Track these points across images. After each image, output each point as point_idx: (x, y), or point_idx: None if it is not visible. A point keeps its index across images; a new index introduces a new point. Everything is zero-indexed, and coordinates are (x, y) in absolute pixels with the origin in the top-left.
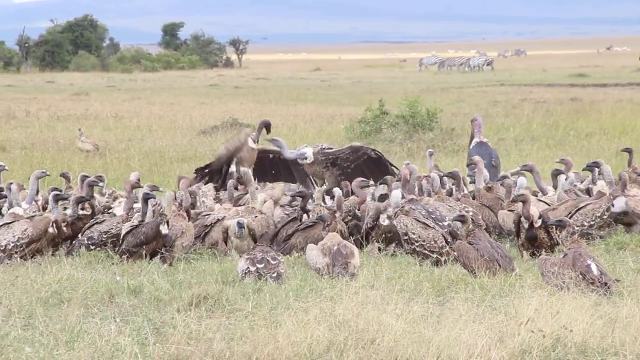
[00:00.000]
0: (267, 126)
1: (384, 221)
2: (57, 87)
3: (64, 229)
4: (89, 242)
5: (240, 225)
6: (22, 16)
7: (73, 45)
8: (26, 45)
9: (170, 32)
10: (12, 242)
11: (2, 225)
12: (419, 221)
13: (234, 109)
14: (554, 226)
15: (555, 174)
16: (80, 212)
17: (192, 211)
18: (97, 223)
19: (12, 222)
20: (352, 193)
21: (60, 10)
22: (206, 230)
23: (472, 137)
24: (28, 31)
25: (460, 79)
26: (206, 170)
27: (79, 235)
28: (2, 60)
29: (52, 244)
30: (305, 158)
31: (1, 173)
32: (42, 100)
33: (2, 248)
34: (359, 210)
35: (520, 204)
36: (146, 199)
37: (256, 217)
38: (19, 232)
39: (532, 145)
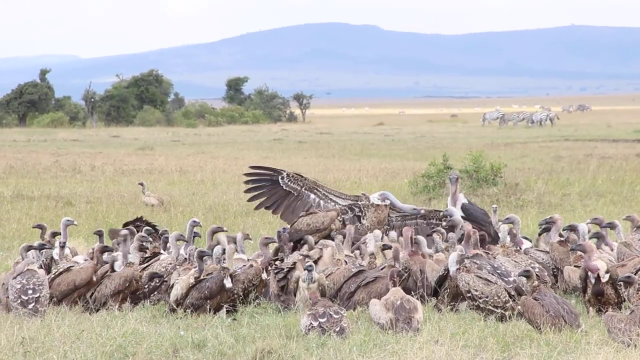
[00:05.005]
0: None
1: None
2: (122, 141)
3: (135, 283)
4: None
5: (309, 269)
6: (88, 71)
7: (138, 100)
8: (92, 100)
9: (234, 86)
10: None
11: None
12: (480, 277)
13: (297, 164)
14: (621, 282)
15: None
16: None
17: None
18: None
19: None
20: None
21: (126, 66)
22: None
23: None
24: (94, 86)
25: (524, 134)
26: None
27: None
28: (68, 115)
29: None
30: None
31: (67, 228)
32: (108, 155)
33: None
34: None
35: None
36: (201, 256)
37: (338, 269)
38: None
39: (597, 201)
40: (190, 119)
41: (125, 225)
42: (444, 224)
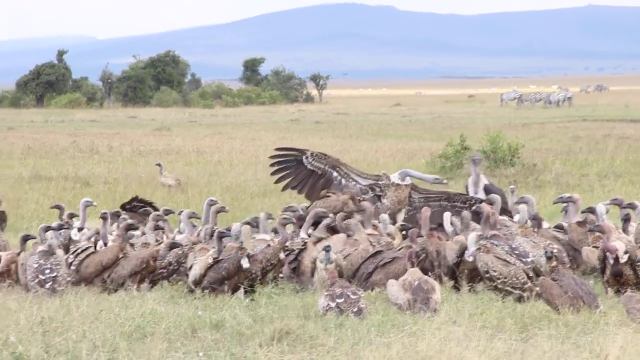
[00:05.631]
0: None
1: (468, 257)
2: (139, 122)
3: (152, 263)
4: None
5: (327, 249)
6: (105, 52)
7: (155, 80)
8: (109, 81)
9: (251, 67)
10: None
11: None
12: (499, 258)
13: (314, 144)
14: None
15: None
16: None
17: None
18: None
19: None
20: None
21: (143, 47)
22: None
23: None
24: (111, 67)
25: (541, 114)
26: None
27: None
28: (85, 96)
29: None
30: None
31: (86, 209)
32: (125, 136)
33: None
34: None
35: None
36: (221, 237)
37: (356, 249)
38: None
39: (616, 181)
40: (207, 100)
41: (122, 206)
42: (473, 208)
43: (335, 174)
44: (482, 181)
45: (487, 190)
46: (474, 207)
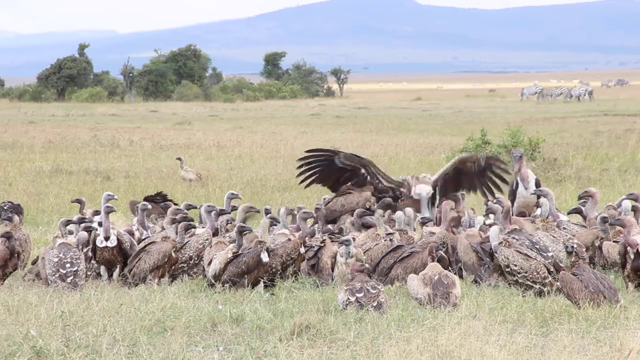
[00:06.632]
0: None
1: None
2: (160, 116)
3: (174, 255)
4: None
5: (347, 243)
6: (126, 46)
7: (176, 75)
8: (130, 75)
9: (272, 61)
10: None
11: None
12: (520, 252)
13: (335, 138)
14: None
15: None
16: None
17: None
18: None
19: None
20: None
21: (164, 41)
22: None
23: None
24: (132, 61)
25: (562, 108)
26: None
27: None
28: (106, 90)
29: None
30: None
31: (108, 202)
32: (146, 130)
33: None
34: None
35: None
36: (241, 231)
37: (377, 244)
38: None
39: (637, 176)
40: (228, 94)
41: (146, 198)
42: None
43: (363, 170)
44: (531, 176)
45: (538, 184)
46: (494, 201)
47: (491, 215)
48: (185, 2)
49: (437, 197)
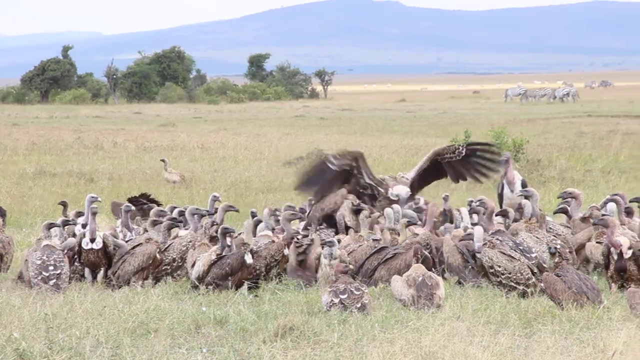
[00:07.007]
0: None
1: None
2: (144, 118)
3: (158, 256)
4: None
5: (330, 245)
6: (110, 48)
7: (160, 76)
8: (114, 76)
9: (256, 63)
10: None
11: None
12: (504, 253)
13: (319, 140)
14: None
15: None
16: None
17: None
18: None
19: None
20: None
21: (148, 42)
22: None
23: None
24: (116, 63)
25: (546, 110)
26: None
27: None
28: (90, 92)
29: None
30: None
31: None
32: (130, 132)
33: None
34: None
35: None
36: (224, 233)
37: (360, 245)
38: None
39: (620, 177)
40: (212, 96)
41: (130, 199)
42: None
43: (354, 163)
44: (517, 178)
45: (524, 185)
46: (476, 203)
47: (474, 216)
48: (170, 4)
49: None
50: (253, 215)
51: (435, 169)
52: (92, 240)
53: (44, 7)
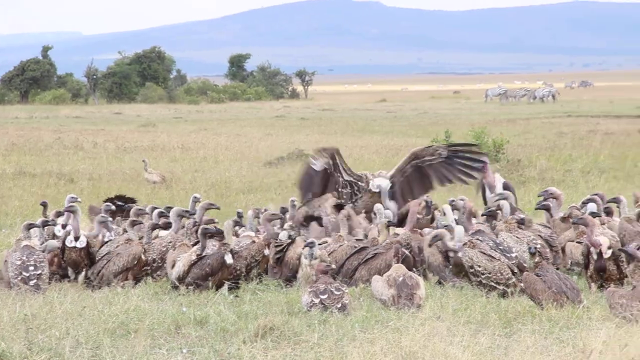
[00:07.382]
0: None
1: (452, 255)
2: (124, 118)
3: (143, 257)
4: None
5: (311, 245)
6: (90, 48)
7: (140, 77)
8: (94, 77)
9: (236, 63)
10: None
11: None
12: (484, 253)
13: (299, 140)
14: (622, 258)
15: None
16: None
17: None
18: None
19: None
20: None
21: (128, 42)
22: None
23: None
24: (96, 63)
25: (526, 110)
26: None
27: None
28: (70, 92)
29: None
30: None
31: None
32: (110, 132)
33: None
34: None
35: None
36: (205, 233)
37: (341, 245)
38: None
39: (600, 177)
40: (193, 96)
41: (106, 201)
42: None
43: (331, 162)
44: (498, 180)
45: (506, 187)
46: (453, 202)
47: (455, 212)
48: (150, 4)
49: (397, 192)
50: (239, 215)
51: (419, 176)
52: (76, 238)
53: (23, 7)
